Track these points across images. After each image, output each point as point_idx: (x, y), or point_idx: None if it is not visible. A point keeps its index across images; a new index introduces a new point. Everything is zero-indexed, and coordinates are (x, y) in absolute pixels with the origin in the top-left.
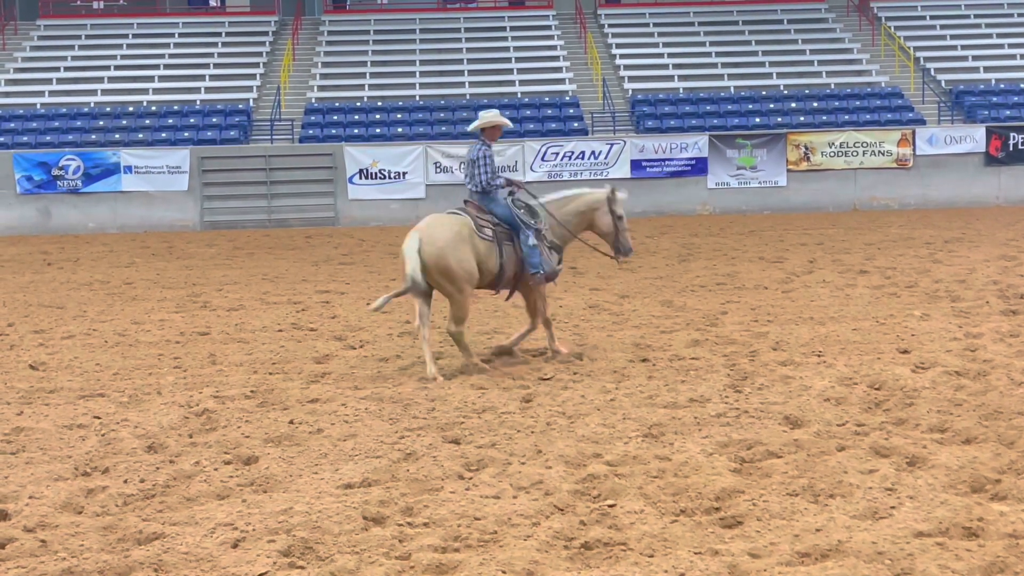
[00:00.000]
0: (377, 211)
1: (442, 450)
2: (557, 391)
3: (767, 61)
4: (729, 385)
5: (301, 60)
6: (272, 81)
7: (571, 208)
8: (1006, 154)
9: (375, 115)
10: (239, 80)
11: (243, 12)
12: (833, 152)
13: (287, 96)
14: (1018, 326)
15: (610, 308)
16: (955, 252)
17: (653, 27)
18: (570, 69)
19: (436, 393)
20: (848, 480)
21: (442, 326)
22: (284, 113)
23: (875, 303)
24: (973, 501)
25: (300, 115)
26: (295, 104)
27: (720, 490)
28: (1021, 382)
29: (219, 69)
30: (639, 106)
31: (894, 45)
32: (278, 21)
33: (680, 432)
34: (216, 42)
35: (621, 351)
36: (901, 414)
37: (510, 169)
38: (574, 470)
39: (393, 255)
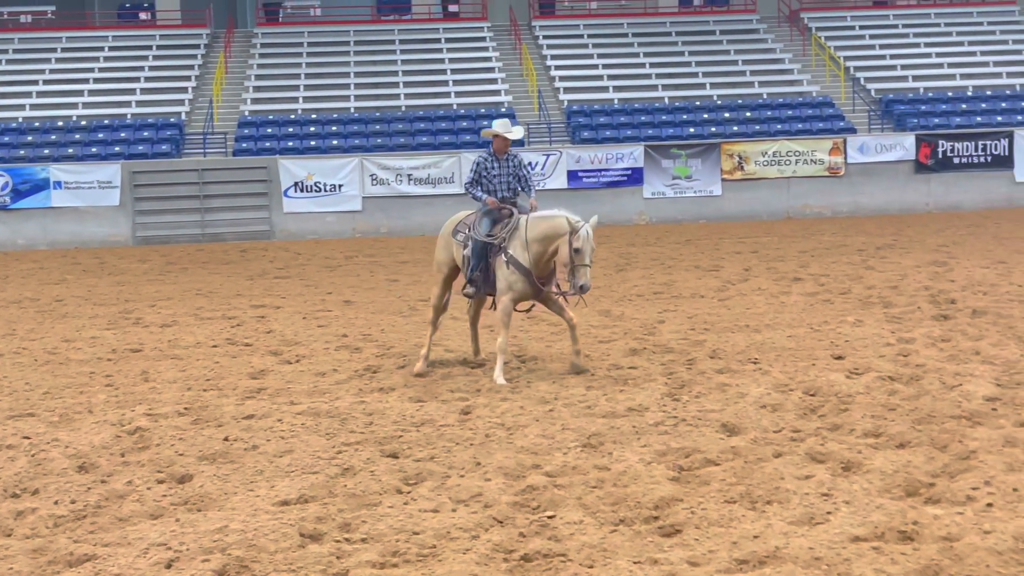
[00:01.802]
0: (313, 224)
1: (380, 464)
2: (496, 402)
3: (700, 72)
4: (667, 394)
5: (234, 73)
6: (205, 94)
7: (542, 230)
8: (935, 161)
9: (310, 127)
10: (171, 93)
11: (174, 25)
12: (766, 161)
13: (220, 109)
14: (949, 331)
15: (548, 319)
16: (887, 259)
17: (588, 38)
18: (505, 80)
19: (373, 407)
20: (785, 486)
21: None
22: (217, 126)
23: (809, 310)
24: (908, 505)
25: (233, 128)
26: (228, 117)
27: (659, 499)
28: (953, 386)
29: (150, 83)
30: (575, 117)
31: (824, 55)
32: (210, 34)
33: (619, 441)
34: (147, 55)
35: (560, 362)
36: (836, 420)
37: (446, 181)
38: (513, 482)
39: (329, 268)
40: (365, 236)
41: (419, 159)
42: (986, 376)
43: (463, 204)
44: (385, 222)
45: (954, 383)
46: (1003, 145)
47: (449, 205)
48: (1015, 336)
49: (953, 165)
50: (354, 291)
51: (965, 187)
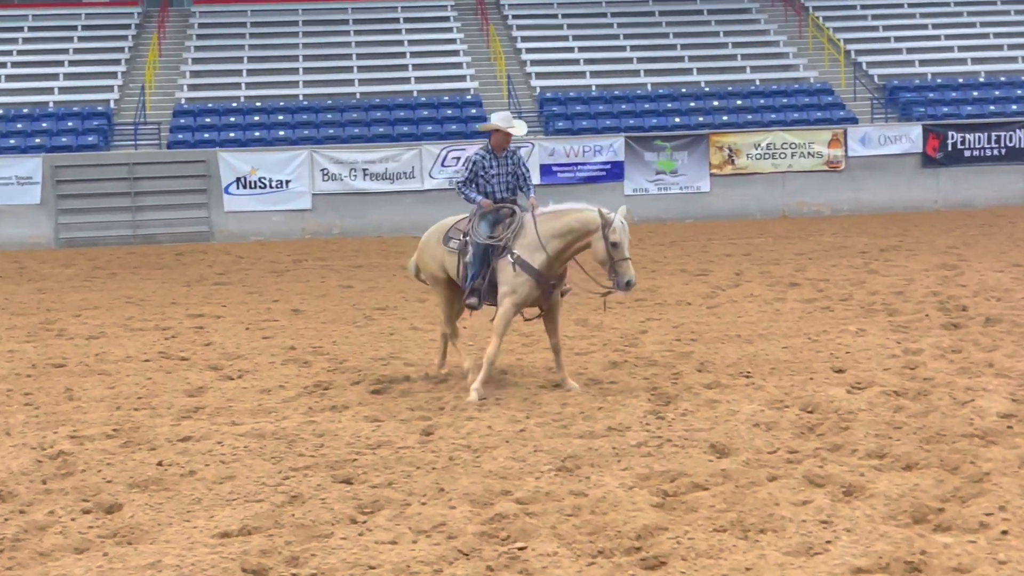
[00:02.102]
0: (257, 224)
1: (332, 491)
2: (461, 422)
3: (686, 56)
4: (650, 411)
5: (169, 56)
6: (136, 80)
7: (563, 224)
8: (944, 155)
9: (253, 117)
10: (98, 79)
11: (102, 3)
12: (759, 154)
13: (153, 96)
14: (960, 341)
15: (519, 328)
16: (892, 261)
17: (562, 18)
18: (471, 65)
19: (325, 427)
20: (780, 513)
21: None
22: (150, 115)
23: (807, 318)
24: (915, 533)
25: (168, 117)
26: (162, 105)
27: (641, 527)
28: (964, 402)
29: (75, 67)
30: (548, 105)
31: (823, 38)
32: (142, 12)
33: (597, 464)
34: (71, 36)
35: (532, 376)
36: (836, 439)
37: (406, 176)
38: (480, 510)
39: (276, 273)
40: (315, 237)
41: (375, 152)
42: (1000, 391)
43: (424, 202)
44: (338, 222)
45: (965, 398)
46: (1018, 136)
47: (409, 203)
48: None
49: (964, 158)
50: (303, 299)
51: (977, 182)
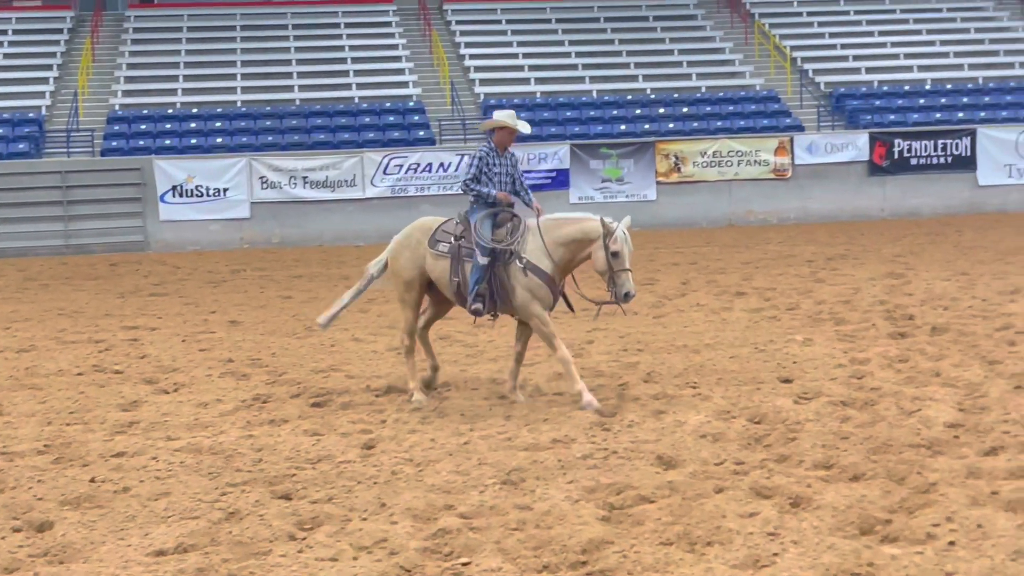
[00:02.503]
0: (194, 234)
1: (270, 507)
2: (403, 435)
3: (632, 62)
4: (596, 423)
5: (102, 62)
6: (68, 86)
7: (565, 233)
8: (891, 163)
9: (190, 124)
10: (29, 85)
11: (33, 7)
12: (705, 162)
13: (86, 103)
14: (907, 350)
15: (464, 339)
16: (838, 270)
17: (506, 24)
18: (414, 71)
19: (263, 442)
20: (727, 525)
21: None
22: (83, 122)
23: (754, 328)
24: (862, 544)
25: (102, 124)
26: (96, 112)
27: (587, 541)
28: (911, 411)
29: (5, 72)
30: (492, 112)
31: (769, 45)
32: (75, 17)
33: (542, 477)
34: (2, 41)
35: (475, 387)
36: (783, 450)
37: (347, 184)
38: (423, 525)
39: (213, 284)
40: (254, 247)
41: (316, 159)
42: (947, 400)
43: (366, 210)
44: (277, 231)
45: (912, 408)
46: (965, 144)
47: (350, 212)
48: (978, 355)
49: (910, 166)
50: (241, 310)
51: (923, 191)
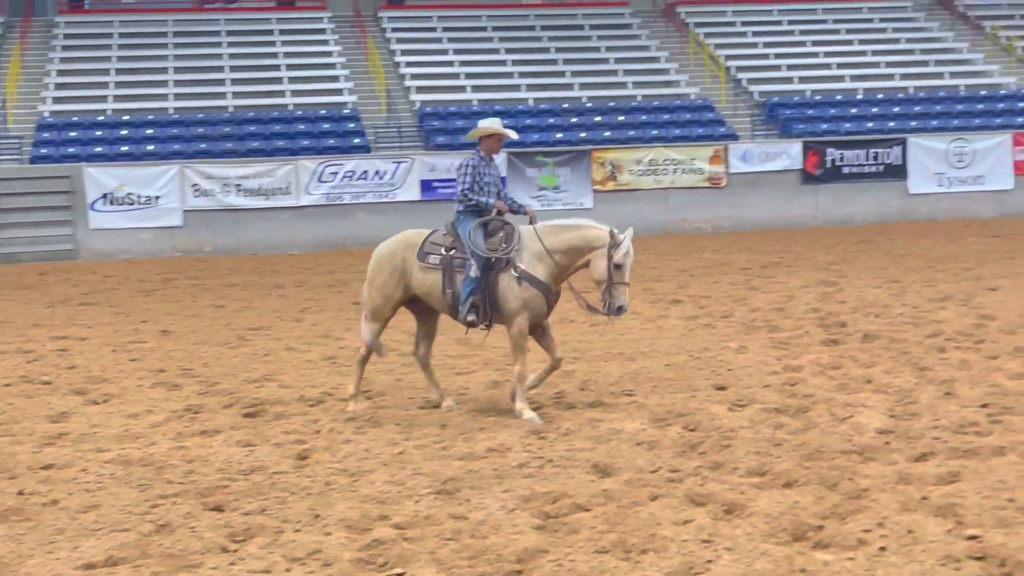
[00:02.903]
0: (125, 242)
1: (202, 519)
2: (337, 445)
3: (568, 71)
4: (532, 431)
5: (31, 68)
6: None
7: (565, 240)
8: (824, 171)
9: (121, 131)
10: None
11: None
12: (641, 170)
13: (15, 110)
14: (839, 357)
15: (399, 348)
16: (772, 278)
17: (442, 32)
18: (349, 78)
19: (195, 453)
20: (662, 533)
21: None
22: (11, 129)
23: (689, 336)
24: (795, 551)
25: (31, 132)
26: (24, 119)
27: (522, 550)
28: (843, 418)
29: None
30: (428, 120)
31: (704, 54)
32: (3, 23)
33: (478, 487)
34: None
35: (411, 396)
36: (718, 457)
37: (282, 192)
38: (357, 536)
39: (144, 293)
40: (187, 255)
41: (249, 167)
42: (878, 407)
43: (301, 218)
44: (210, 239)
45: (844, 415)
46: (896, 153)
47: (285, 220)
48: (909, 362)
49: (842, 175)
50: (173, 319)
51: (855, 199)
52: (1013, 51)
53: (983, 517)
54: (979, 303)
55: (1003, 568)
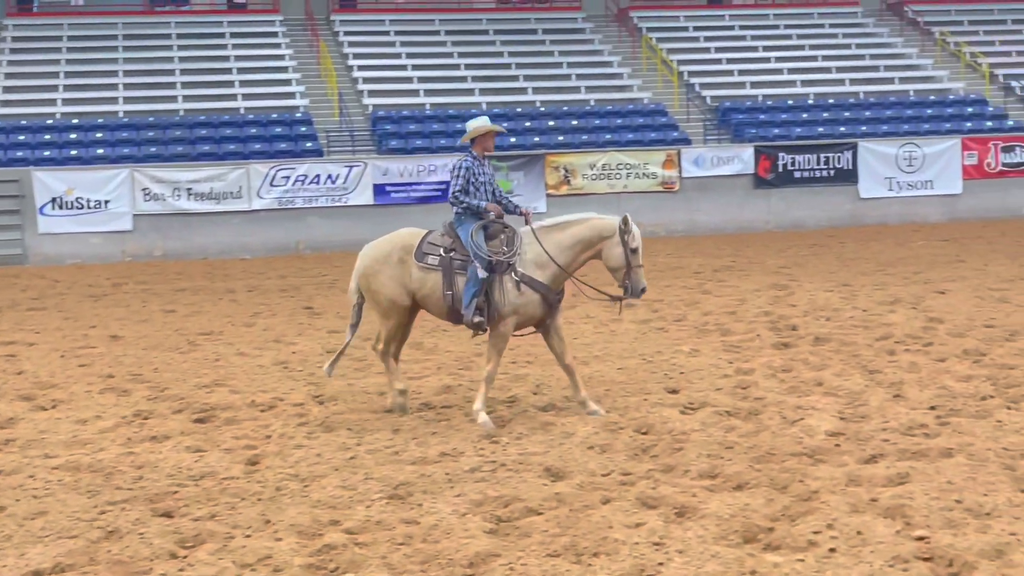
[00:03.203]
0: (75, 247)
1: (151, 525)
2: (289, 450)
3: (521, 75)
4: (485, 435)
5: None
6: None
7: (570, 234)
8: (775, 176)
9: (70, 134)
10: None
11: None
12: (595, 175)
13: None
14: (790, 360)
15: (351, 353)
16: (725, 282)
17: (395, 36)
18: (301, 82)
19: (144, 459)
20: (613, 536)
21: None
22: None
23: (642, 339)
24: (745, 552)
25: None
26: None
27: (474, 555)
28: (794, 421)
29: None
30: (381, 124)
31: (656, 59)
32: None
33: (430, 491)
34: None
35: (363, 401)
36: (670, 460)
37: (233, 196)
38: (308, 541)
39: (94, 298)
40: (137, 260)
41: (200, 171)
42: (829, 409)
43: (252, 222)
44: (160, 243)
45: (795, 417)
46: (846, 158)
47: (236, 224)
48: (859, 365)
49: (794, 179)
50: (123, 324)
51: (807, 203)
52: (962, 57)
53: (931, 518)
54: (928, 306)
55: (950, 569)
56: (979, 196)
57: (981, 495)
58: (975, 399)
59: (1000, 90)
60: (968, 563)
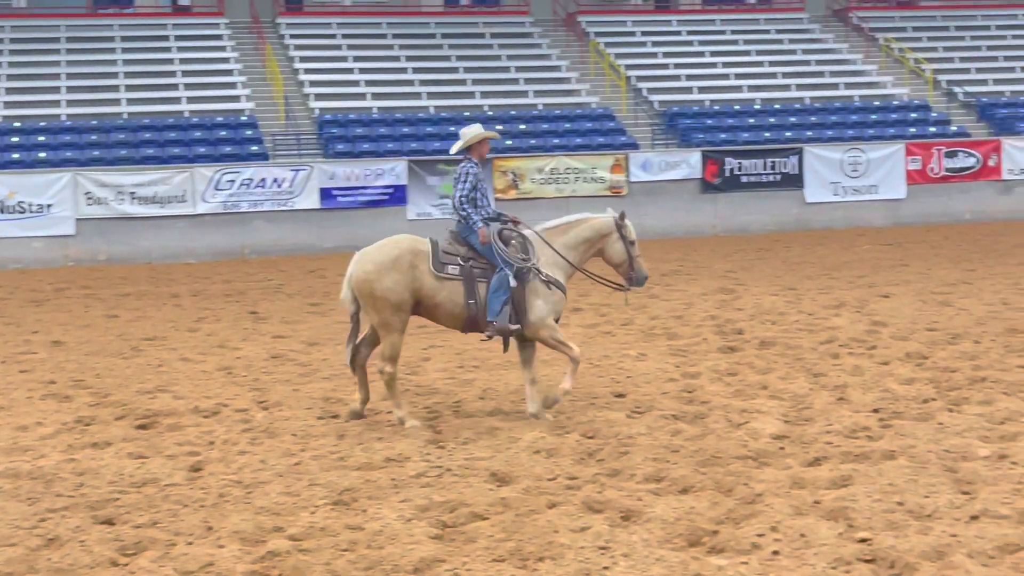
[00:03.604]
0: (15, 251)
1: (92, 533)
2: (232, 457)
3: (469, 79)
4: (431, 440)
5: None
6: None
7: (574, 235)
8: (722, 180)
9: (11, 138)
10: None
11: None
12: (543, 179)
13: None
14: (736, 364)
15: (297, 358)
16: (672, 286)
17: (342, 39)
18: (247, 85)
19: (85, 465)
20: (559, 540)
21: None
22: None
23: (589, 343)
24: (690, 556)
25: None
26: None
27: (419, 560)
28: (739, 424)
29: None
30: (327, 127)
31: (604, 64)
32: None
33: (375, 497)
34: None
35: (308, 407)
36: (616, 464)
37: (178, 200)
38: (251, 548)
39: (35, 303)
40: (80, 264)
41: (144, 175)
42: (774, 412)
43: (197, 226)
44: (104, 248)
45: (740, 420)
46: (792, 163)
47: (181, 228)
48: (804, 368)
49: (741, 184)
50: (65, 329)
51: (754, 208)
52: (906, 63)
53: (873, 520)
54: (872, 310)
55: (892, 570)
56: (922, 201)
57: (922, 497)
58: (917, 402)
59: (943, 96)
60: (909, 564)
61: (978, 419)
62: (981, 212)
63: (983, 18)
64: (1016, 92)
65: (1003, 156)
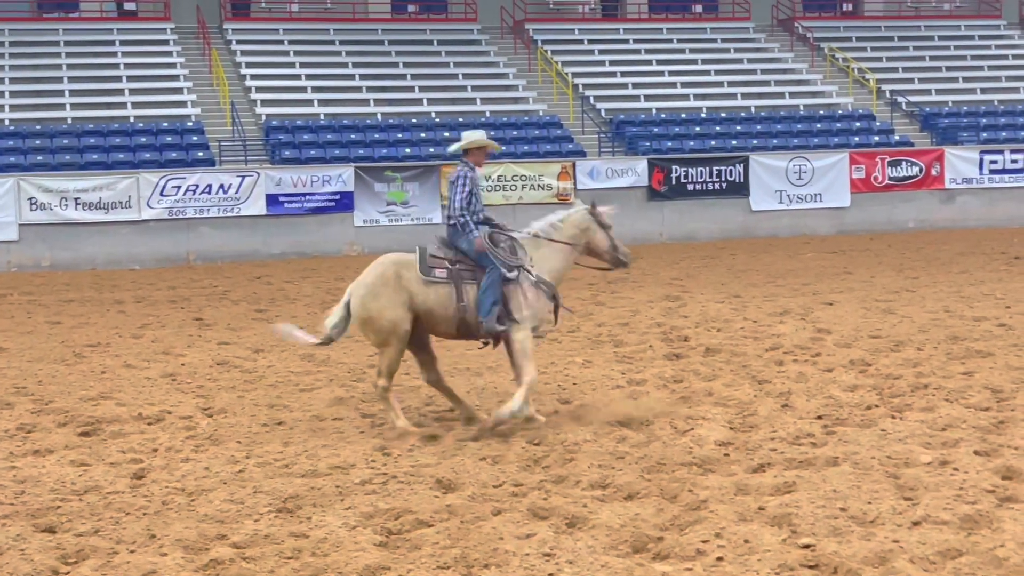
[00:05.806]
0: None
1: (32, 541)
2: (176, 464)
3: (416, 86)
4: (377, 447)
5: None
6: None
7: (565, 235)
8: (669, 188)
9: None
10: None
11: None
12: (490, 186)
13: None
14: (681, 371)
15: (242, 365)
16: (618, 293)
17: (288, 45)
18: (193, 90)
19: (26, 473)
20: (504, 547)
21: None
22: None
23: (535, 350)
24: (635, 562)
25: None
26: None
27: (363, 568)
28: (685, 431)
29: None
30: (274, 133)
31: (551, 72)
32: None
33: (320, 504)
34: None
35: (253, 414)
36: (561, 471)
37: (122, 206)
38: (194, 556)
39: None
40: (23, 270)
41: (89, 180)
42: (719, 419)
43: (142, 232)
44: (47, 254)
45: (686, 427)
46: (738, 171)
47: (125, 234)
48: (749, 375)
49: (687, 192)
50: (6, 336)
51: (700, 216)
52: (850, 72)
53: (817, 526)
54: (816, 317)
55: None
56: (866, 209)
57: (865, 503)
58: (860, 408)
59: (887, 105)
60: (852, 570)
61: (920, 425)
62: (924, 221)
63: (926, 28)
64: (958, 102)
65: (946, 165)
